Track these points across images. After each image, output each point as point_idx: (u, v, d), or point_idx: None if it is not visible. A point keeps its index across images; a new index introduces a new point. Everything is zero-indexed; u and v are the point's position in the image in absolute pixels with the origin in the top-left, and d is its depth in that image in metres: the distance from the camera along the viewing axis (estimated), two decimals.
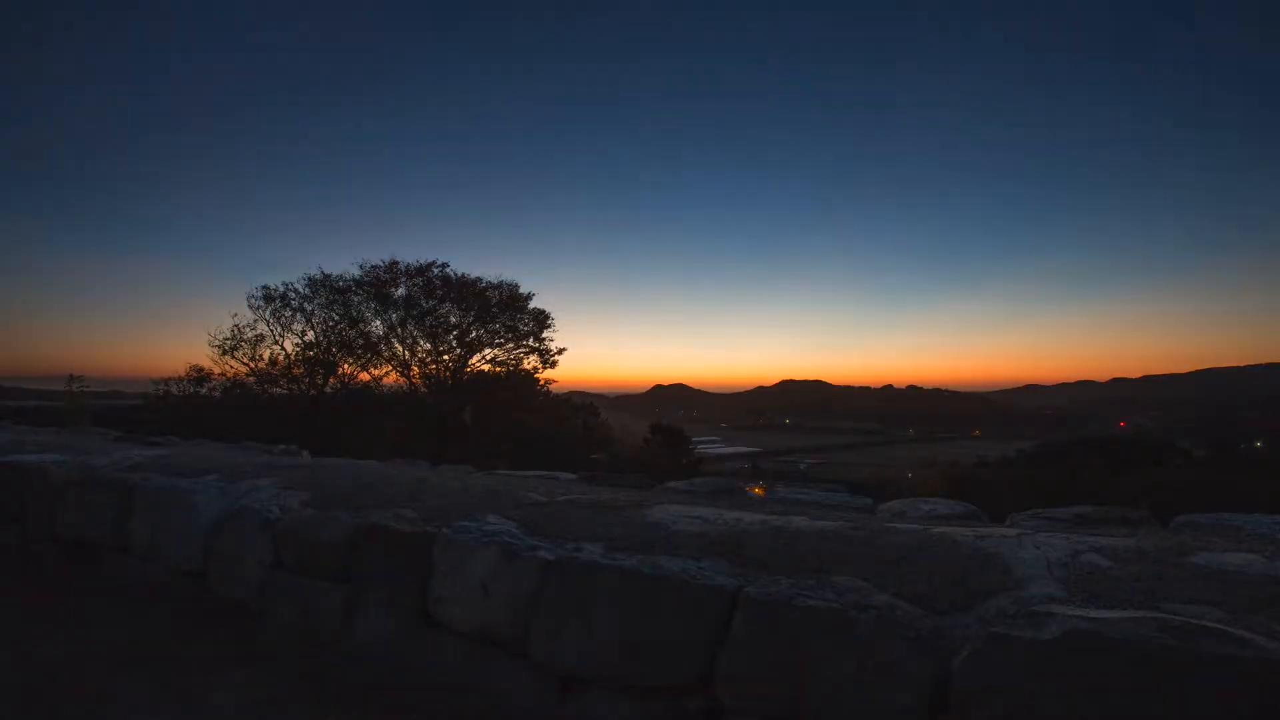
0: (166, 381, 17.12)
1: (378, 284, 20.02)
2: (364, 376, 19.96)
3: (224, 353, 18.10)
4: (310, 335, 19.25)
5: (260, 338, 18.63)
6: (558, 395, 25.18)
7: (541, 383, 22.64)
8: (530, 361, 21.70)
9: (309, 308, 19.33)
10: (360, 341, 19.45)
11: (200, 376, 17.50)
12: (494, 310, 20.65)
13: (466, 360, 20.99)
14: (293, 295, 19.17)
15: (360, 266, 20.29)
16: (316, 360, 18.76)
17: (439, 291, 20.29)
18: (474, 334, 20.74)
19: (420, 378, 20.58)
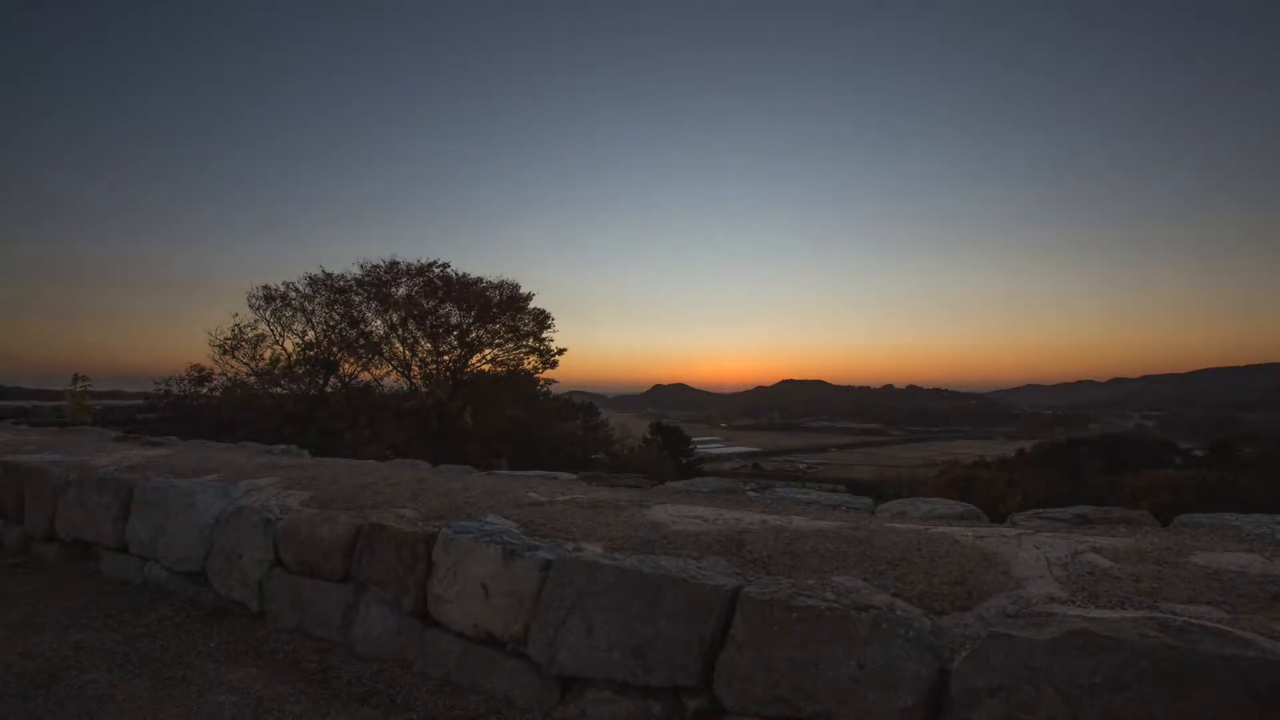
0: (167, 381, 17.11)
1: (378, 284, 20.02)
2: (365, 376, 19.96)
3: (224, 352, 18.09)
4: (311, 335, 19.25)
5: (261, 337, 18.62)
6: (558, 395, 25.18)
7: (541, 383, 22.65)
8: (530, 361, 21.71)
9: (309, 307, 19.32)
10: (361, 342, 19.45)
11: (201, 376, 17.48)
12: (494, 311, 20.65)
13: (467, 360, 21.00)
14: (293, 295, 19.17)
15: (361, 266, 20.29)
16: (317, 360, 18.76)
17: (440, 292, 20.29)
18: (474, 334, 20.74)
19: (421, 378, 20.58)
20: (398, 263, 20.49)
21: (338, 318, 19.63)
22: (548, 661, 2.54)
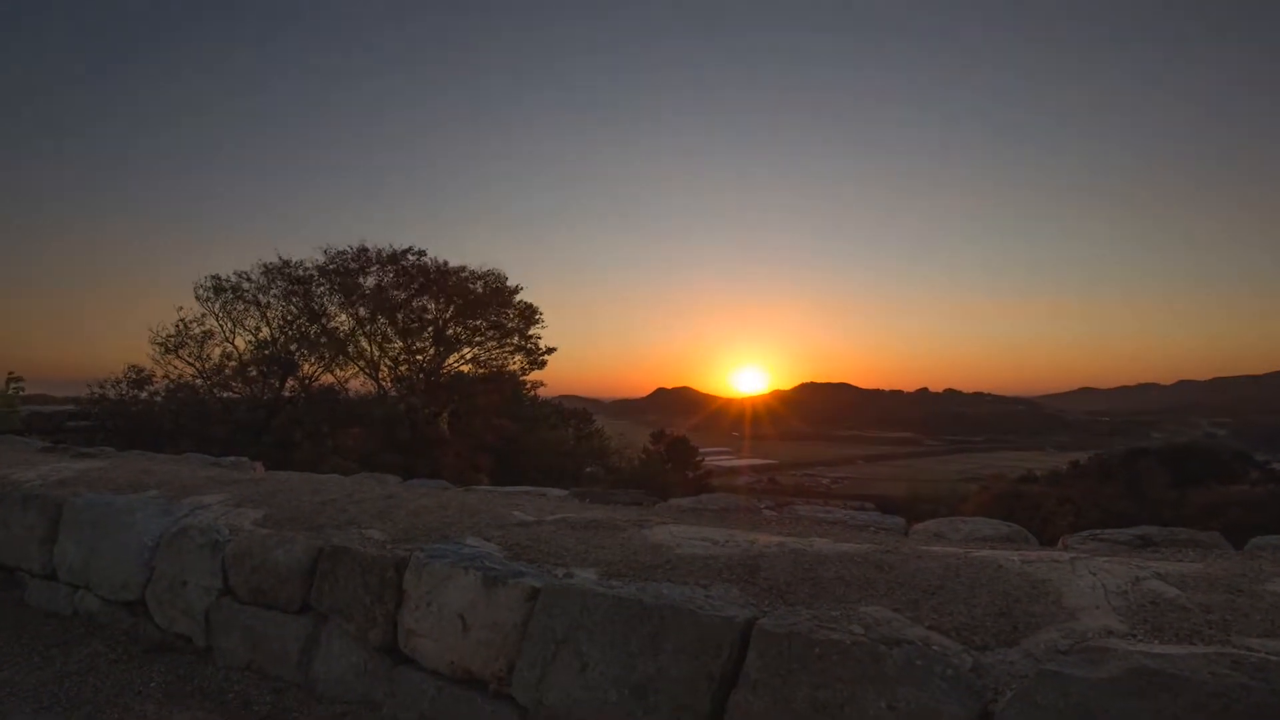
0: (102, 384, 17.12)
1: (344, 273, 20.01)
2: (327, 379, 19.97)
3: (167, 351, 18.10)
4: (265, 332, 19.25)
5: (209, 334, 18.64)
6: (547, 400, 25.18)
7: (528, 386, 22.66)
8: (516, 361, 21.72)
9: (265, 299, 19.32)
10: (324, 339, 19.44)
11: (140, 378, 17.49)
12: (476, 304, 20.64)
13: (443, 360, 21.01)
14: (246, 285, 19.17)
15: (325, 252, 20.28)
16: (273, 359, 18.75)
17: (415, 282, 20.29)
18: (452, 330, 20.74)
19: (390, 380, 20.60)
20: (367, 249, 20.48)
21: (296, 311, 19.63)
22: (535, 704, 2.54)
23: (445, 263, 20.76)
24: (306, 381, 19.52)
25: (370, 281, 20.35)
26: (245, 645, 3.43)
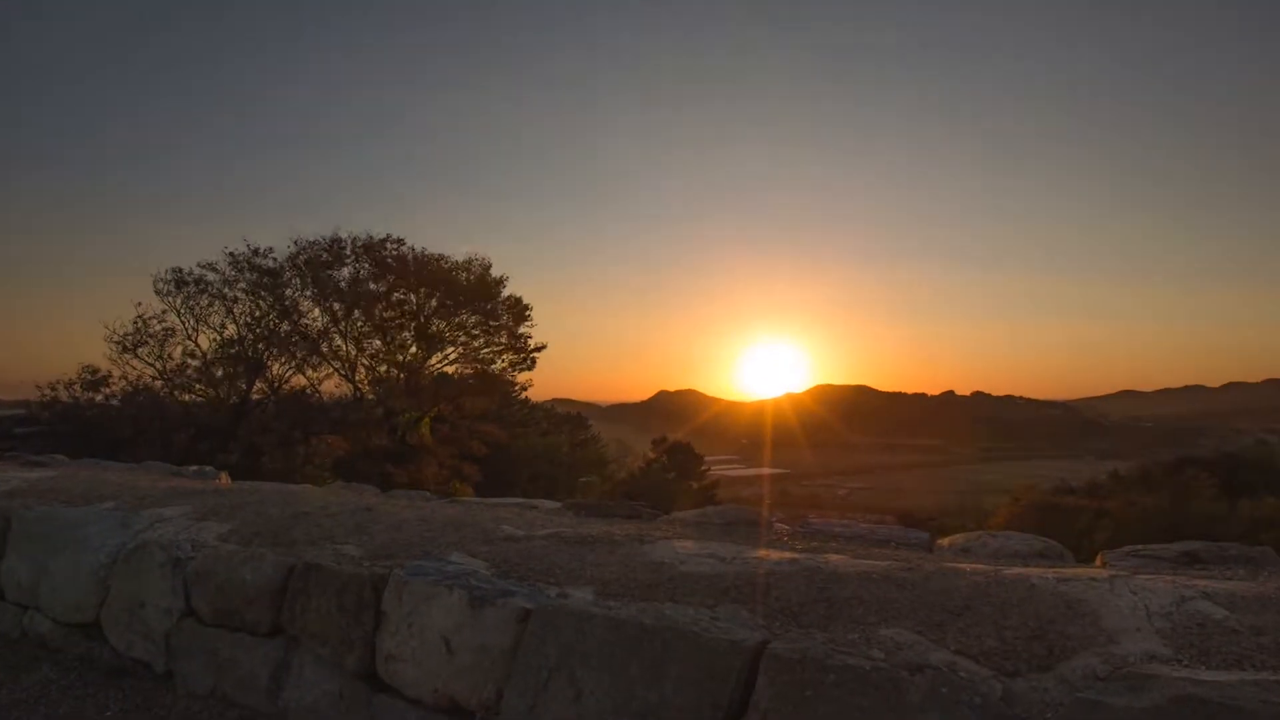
0: (53, 386, 17.14)
1: (317, 264, 20.02)
2: (299, 380, 19.99)
3: (124, 350, 18.11)
4: (231, 329, 19.27)
5: (170, 332, 18.66)
6: (538, 404, 25.22)
7: (517, 387, 22.71)
8: (505, 360, 21.74)
9: (231, 293, 19.35)
10: (295, 337, 19.47)
11: (95, 380, 17.50)
12: (461, 297, 20.66)
13: (426, 360, 21.04)
14: (211, 277, 19.19)
15: (295, 243, 20.29)
16: (239, 358, 18.77)
17: (392, 274, 20.31)
18: (436, 326, 20.76)
19: (368, 382, 20.62)
20: (341, 239, 20.50)
21: (265, 307, 19.64)
22: None
23: (426, 251, 20.79)
24: (276, 384, 19.55)
25: (345, 274, 20.38)
26: (209, 671, 3.43)
